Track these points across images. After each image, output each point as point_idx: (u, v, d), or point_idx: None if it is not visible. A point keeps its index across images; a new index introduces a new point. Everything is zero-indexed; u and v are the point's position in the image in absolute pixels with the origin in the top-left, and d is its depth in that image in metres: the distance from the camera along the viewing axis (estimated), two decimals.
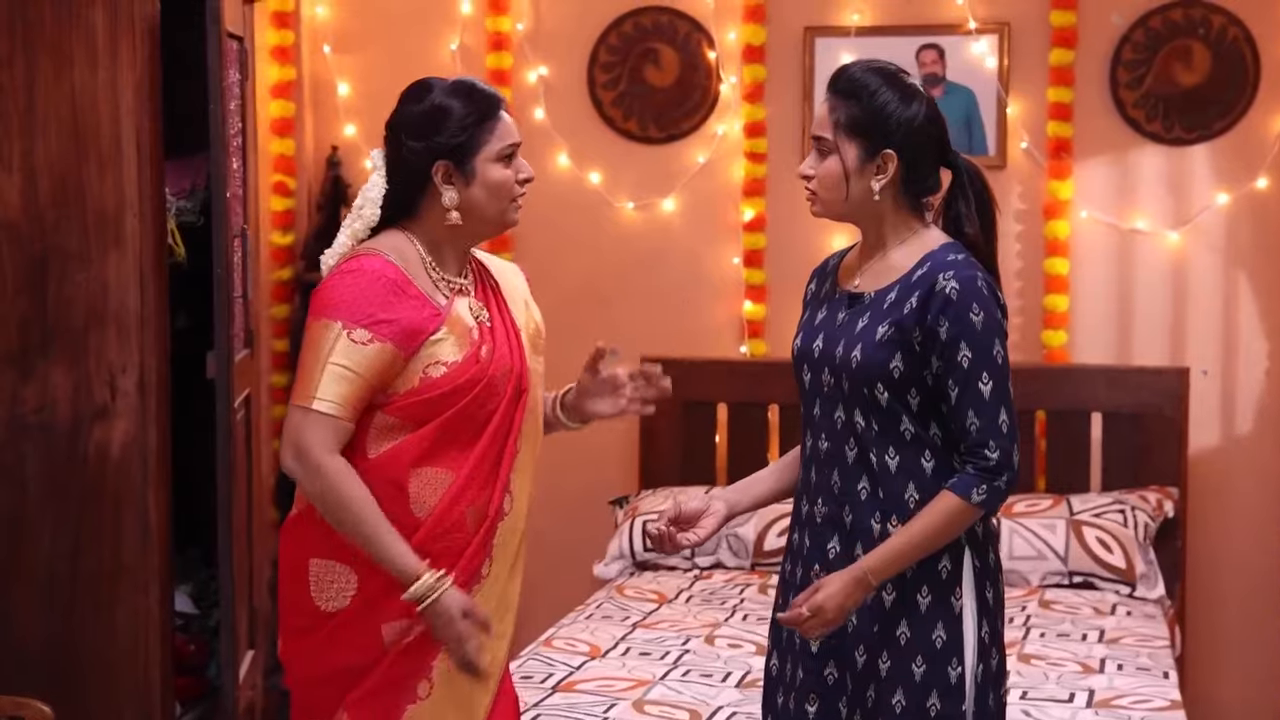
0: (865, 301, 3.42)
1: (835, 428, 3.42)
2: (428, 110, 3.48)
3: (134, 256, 4.57)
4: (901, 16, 6.49)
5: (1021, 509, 5.95)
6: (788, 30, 6.53)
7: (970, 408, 3.31)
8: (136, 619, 4.64)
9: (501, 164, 3.46)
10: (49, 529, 4.64)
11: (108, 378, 4.59)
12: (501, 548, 3.50)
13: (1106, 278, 6.44)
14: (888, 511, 3.37)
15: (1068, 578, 5.84)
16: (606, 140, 6.66)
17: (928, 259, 3.36)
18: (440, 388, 3.40)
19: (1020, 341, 6.42)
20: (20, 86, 4.57)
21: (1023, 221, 6.46)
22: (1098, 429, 6.26)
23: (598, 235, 6.67)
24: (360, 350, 3.33)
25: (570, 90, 6.69)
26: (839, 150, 3.38)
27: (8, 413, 4.62)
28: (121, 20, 4.53)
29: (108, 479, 4.61)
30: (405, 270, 3.42)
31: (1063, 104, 6.36)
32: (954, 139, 6.24)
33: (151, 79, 4.59)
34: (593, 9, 6.66)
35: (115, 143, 4.56)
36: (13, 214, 4.60)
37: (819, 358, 3.45)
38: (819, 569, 3.42)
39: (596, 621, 5.33)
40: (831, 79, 3.43)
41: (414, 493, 3.42)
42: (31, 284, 4.60)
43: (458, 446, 3.45)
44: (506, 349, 3.53)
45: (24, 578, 4.65)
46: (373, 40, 6.80)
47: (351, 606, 3.44)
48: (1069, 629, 5.30)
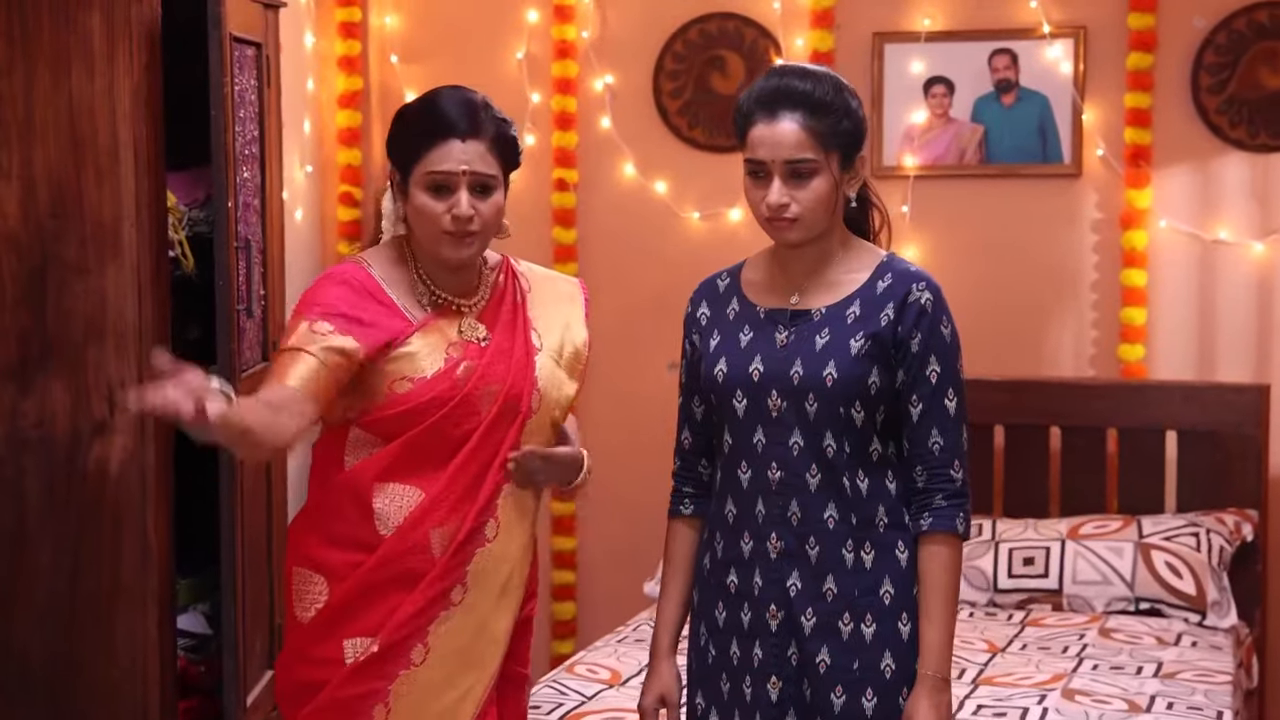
0: (815, 318, 3.06)
1: (790, 455, 3.05)
2: (400, 114, 3.23)
3: (131, 268, 4.25)
4: (973, 21, 6.00)
5: (1089, 530, 5.45)
6: (856, 36, 6.07)
7: (935, 425, 3.01)
8: (135, 640, 4.32)
9: (427, 193, 3.12)
10: (49, 546, 4.33)
11: (106, 392, 4.27)
12: (481, 576, 3.19)
13: (1187, 290, 5.89)
14: (860, 540, 3.03)
15: (1134, 604, 5.31)
16: (672, 149, 6.25)
17: (884, 269, 3.08)
18: (404, 404, 3.12)
19: (1097, 356, 5.93)
20: (19, 94, 4.27)
21: (1099, 231, 5.94)
22: (1173, 447, 5.72)
23: (663, 246, 6.27)
24: (320, 339, 3.04)
25: (636, 99, 6.29)
26: (828, 167, 3.01)
27: (8, 426, 4.31)
28: (118, 25, 4.21)
29: (106, 496, 4.29)
30: (383, 278, 3.16)
31: (1141, 110, 5.83)
32: (1028, 147, 5.94)
33: (150, 86, 4.26)
34: (658, 16, 6.25)
35: (113, 151, 4.24)
36: (12, 224, 4.29)
37: (761, 381, 3.07)
38: (776, 608, 3.05)
39: (628, 645, 4.90)
40: (782, 95, 3.03)
41: (379, 508, 3.14)
42: (31, 295, 4.30)
43: (430, 464, 3.15)
44: (503, 369, 3.20)
45: (24, 596, 4.35)
46: (440, 50, 6.44)
47: (318, 618, 3.15)
48: (1125, 661, 4.78)
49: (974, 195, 6.04)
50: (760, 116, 3.02)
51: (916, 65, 6.01)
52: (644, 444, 6.11)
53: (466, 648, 3.18)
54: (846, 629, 3.03)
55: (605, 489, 6.37)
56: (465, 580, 3.16)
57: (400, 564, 3.12)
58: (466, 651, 3.18)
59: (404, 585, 3.12)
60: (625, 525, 6.22)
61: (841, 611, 3.03)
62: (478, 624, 3.18)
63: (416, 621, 3.14)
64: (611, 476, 6.34)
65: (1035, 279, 5.99)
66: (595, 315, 6.21)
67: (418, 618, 3.13)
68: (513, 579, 3.23)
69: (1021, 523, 5.56)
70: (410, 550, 3.12)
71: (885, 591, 3.03)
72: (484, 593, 3.18)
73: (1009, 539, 5.47)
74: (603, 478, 6.29)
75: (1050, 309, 6.00)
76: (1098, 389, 5.79)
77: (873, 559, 3.04)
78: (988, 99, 5.97)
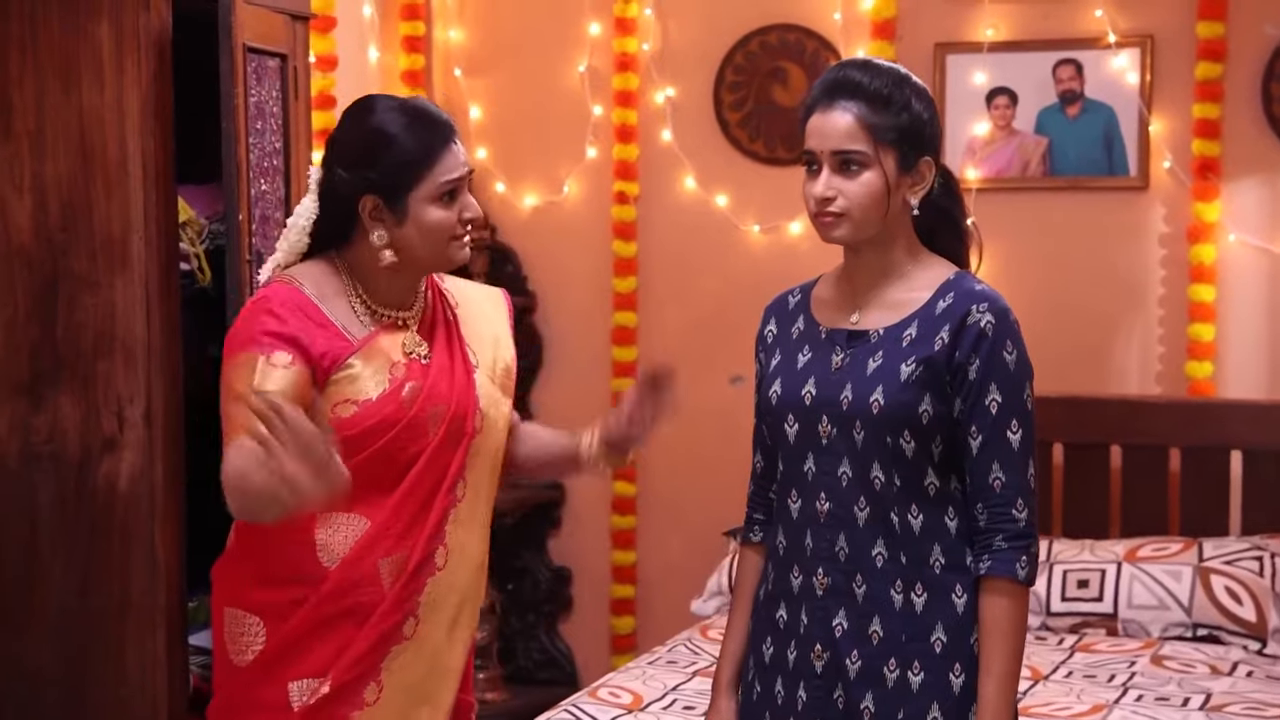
0: (872, 340, 2.74)
1: (839, 486, 2.74)
2: (364, 136, 2.87)
3: (140, 281, 4.02)
4: (1037, 30, 5.64)
5: (1147, 553, 5.07)
6: (918, 47, 5.73)
7: (996, 460, 2.66)
8: (145, 657, 4.08)
9: (438, 204, 2.85)
10: (60, 562, 4.11)
11: (115, 408, 4.05)
12: (433, 606, 2.89)
13: (1256, 306, 5.48)
14: (911, 581, 2.70)
15: (1191, 630, 4.93)
16: (733, 162, 5.95)
17: (948, 288, 2.75)
18: (350, 428, 2.81)
19: (1163, 373, 5.55)
20: (30, 105, 4.06)
21: (1166, 245, 5.55)
22: (1239, 467, 5.32)
23: (723, 259, 5.97)
24: (283, 374, 2.75)
25: (697, 111, 5.99)
26: (879, 162, 2.70)
27: (20, 442, 4.10)
28: (127, 36, 3.99)
29: (116, 513, 4.06)
30: (319, 299, 2.85)
31: (1210, 120, 5.43)
32: (1093, 159, 5.56)
33: (160, 97, 4.03)
34: (719, 28, 5.95)
35: (121, 163, 4.01)
36: (24, 237, 4.08)
37: (812, 406, 2.76)
38: (821, 648, 2.75)
39: (659, 667, 4.58)
40: (839, 85, 2.74)
41: (322, 540, 2.84)
42: (42, 309, 4.08)
43: (376, 491, 2.84)
44: (446, 387, 2.90)
45: (35, 612, 4.13)
46: (503, 63, 6.19)
47: (257, 661, 2.85)
48: (1172, 691, 4.40)
49: (1038, 208, 5.68)
50: (817, 107, 2.75)
51: (979, 76, 5.66)
52: (704, 459, 5.85)
53: (419, 683, 2.90)
54: (892, 675, 2.71)
55: (665, 503, 6.12)
56: (417, 612, 2.88)
57: (348, 598, 2.83)
58: (419, 686, 2.90)
59: (353, 620, 2.83)
60: (685, 540, 5.94)
61: (888, 656, 2.71)
62: (430, 657, 2.90)
63: (370, 658, 2.85)
64: (671, 491, 6.08)
65: (1101, 294, 5.61)
66: (656, 328, 6.02)
67: (370, 654, 2.85)
68: (464, 609, 2.94)
69: (1078, 544, 5.19)
70: (358, 583, 2.83)
71: (937, 639, 2.71)
72: (435, 624, 2.90)
73: (1064, 560, 5.10)
74: (662, 492, 6.10)
75: (1116, 325, 5.62)
76: (1160, 407, 5.40)
77: (924, 602, 2.71)
78: (1052, 110, 5.61)
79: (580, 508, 6.17)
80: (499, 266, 6.09)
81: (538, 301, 6.15)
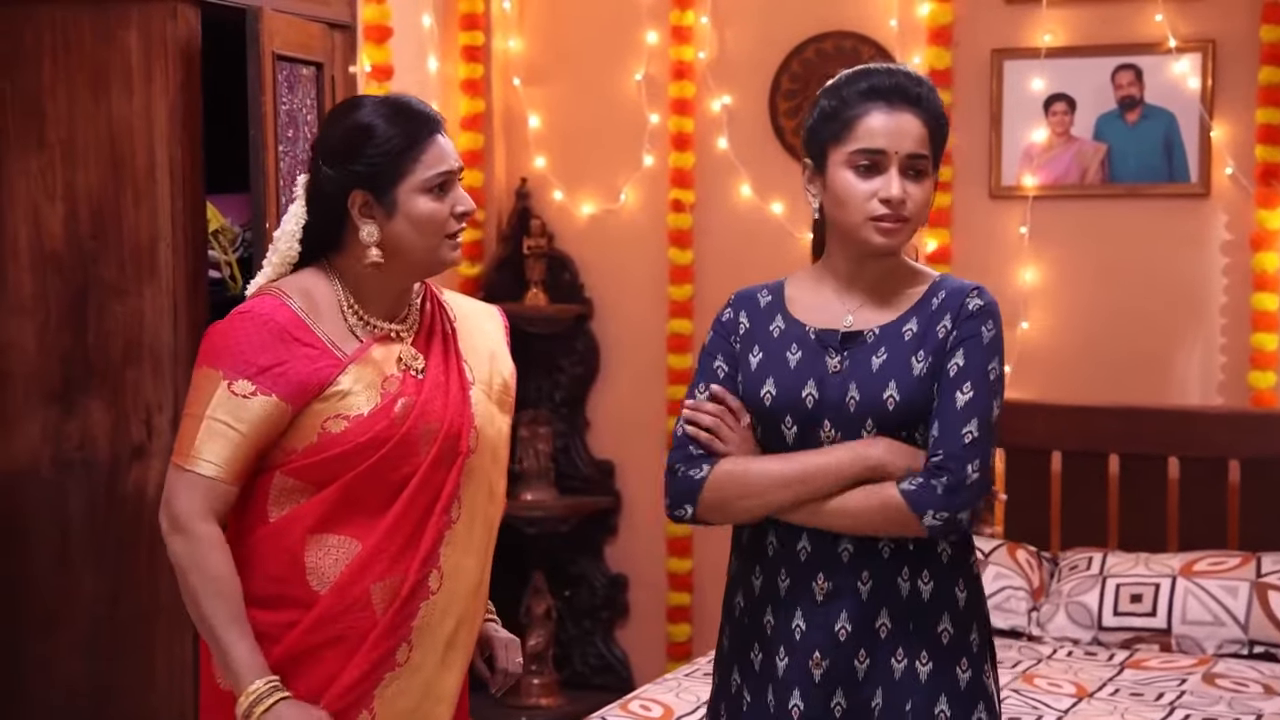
0: (868, 339, 2.64)
1: None
2: (346, 131, 2.72)
3: (167, 290, 3.92)
4: (1096, 36, 5.42)
5: (1204, 567, 4.84)
6: (975, 53, 5.53)
7: (938, 416, 2.56)
8: (174, 664, 3.98)
9: (429, 195, 2.70)
10: (91, 569, 4.02)
11: (144, 415, 3.95)
12: (426, 632, 2.73)
13: None
14: (918, 568, 2.62)
15: (1246, 647, 4.69)
16: (789, 169, 5.74)
17: (939, 286, 2.70)
18: (339, 445, 2.66)
19: (1225, 383, 5.31)
20: (62, 113, 3.96)
21: (1228, 253, 5.32)
22: None
23: (779, 267, 5.70)
24: (243, 404, 2.61)
25: (752, 119, 5.82)
26: (932, 176, 2.65)
27: (53, 449, 4.01)
28: (155, 43, 3.89)
29: (145, 520, 3.93)
30: (306, 314, 2.70)
31: (1274, 126, 5.18)
32: (1153, 166, 5.34)
33: (188, 106, 3.92)
34: (775, 36, 5.78)
35: (149, 171, 3.91)
36: (56, 244, 3.99)
37: (814, 409, 2.64)
38: (820, 656, 2.63)
39: (694, 680, 4.40)
40: (898, 91, 2.64)
41: (312, 563, 2.68)
42: (73, 316, 3.99)
43: (368, 512, 2.69)
44: (440, 404, 2.75)
45: (66, 619, 4.03)
46: (561, 72, 6.05)
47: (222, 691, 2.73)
48: (1221, 711, 4.17)
49: (1096, 216, 5.45)
50: (877, 106, 2.62)
51: (1036, 82, 5.44)
52: None
53: (412, 710, 2.73)
54: (899, 667, 2.61)
55: None
56: (411, 638, 2.71)
57: (340, 624, 2.67)
58: (413, 714, 2.73)
59: (344, 647, 2.68)
60: None
61: (894, 648, 2.61)
62: (424, 684, 2.74)
63: (362, 686, 2.68)
64: None
65: (1161, 303, 5.38)
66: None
67: (363, 682, 2.68)
68: (459, 633, 2.77)
69: (1133, 557, 4.97)
70: (350, 608, 2.67)
71: (944, 629, 2.62)
72: (429, 650, 2.73)
73: (1117, 574, 4.88)
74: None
75: (1177, 334, 5.39)
76: (1218, 418, 5.16)
77: (931, 590, 2.62)
78: (1110, 116, 5.38)
79: (636, 515, 6.02)
80: (556, 274, 5.96)
81: (595, 309, 6.00)
